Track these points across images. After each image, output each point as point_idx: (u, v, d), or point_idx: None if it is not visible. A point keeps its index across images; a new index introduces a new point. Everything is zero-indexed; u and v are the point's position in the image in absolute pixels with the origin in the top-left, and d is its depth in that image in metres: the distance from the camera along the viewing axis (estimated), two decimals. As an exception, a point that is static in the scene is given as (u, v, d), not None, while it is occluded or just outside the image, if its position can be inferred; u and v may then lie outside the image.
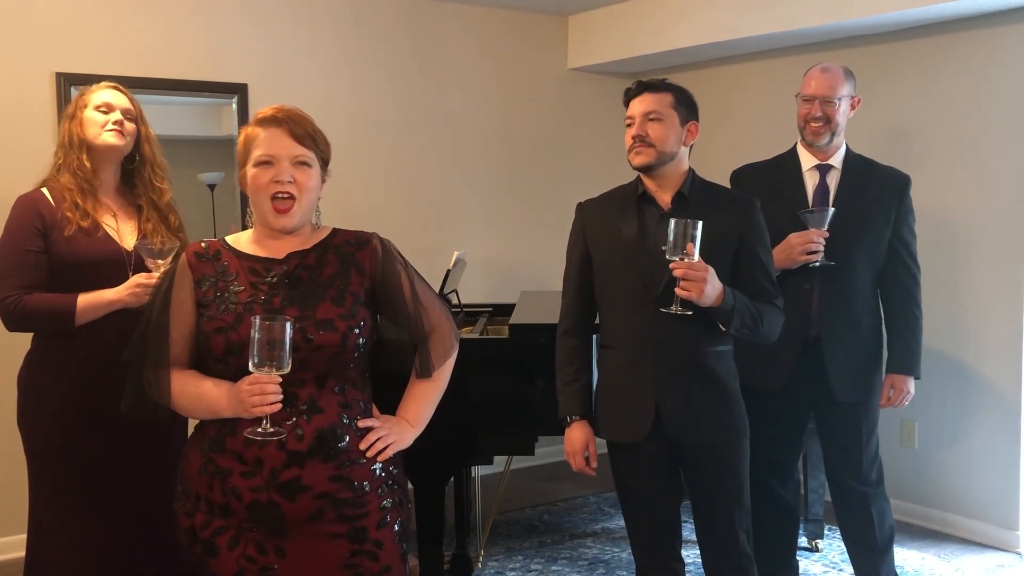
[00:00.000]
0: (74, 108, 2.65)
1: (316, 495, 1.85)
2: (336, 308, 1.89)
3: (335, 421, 1.88)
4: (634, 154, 2.45)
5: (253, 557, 1.86)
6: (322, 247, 1.97)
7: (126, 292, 2.50)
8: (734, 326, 2.38)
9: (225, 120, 4.42)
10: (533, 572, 3.78)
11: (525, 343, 3.14)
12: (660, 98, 2.45)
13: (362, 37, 4.71)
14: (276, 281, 1.91)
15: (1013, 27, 3.85)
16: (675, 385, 2.42)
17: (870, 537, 3.08)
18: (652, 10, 4.85)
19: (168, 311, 1.90)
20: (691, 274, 2.27)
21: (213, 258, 1.94)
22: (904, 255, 3.05)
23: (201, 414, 1.91)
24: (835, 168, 3.08)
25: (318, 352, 1.85)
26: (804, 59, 4.61)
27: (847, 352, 3.00)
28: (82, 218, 2.56)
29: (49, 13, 3.91)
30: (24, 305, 2.50)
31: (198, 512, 1.89)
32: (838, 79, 3.05)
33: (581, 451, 2.55)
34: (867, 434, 3.07)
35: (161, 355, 1.89)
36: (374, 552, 1.91)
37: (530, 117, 5.30)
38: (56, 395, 2.57)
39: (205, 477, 1.87)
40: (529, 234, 5.27)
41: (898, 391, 3.08)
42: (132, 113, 2.67)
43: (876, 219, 3.01)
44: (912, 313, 3.07)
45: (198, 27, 4.25)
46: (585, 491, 4.80)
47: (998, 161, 3.93)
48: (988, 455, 4.01)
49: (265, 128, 1.91)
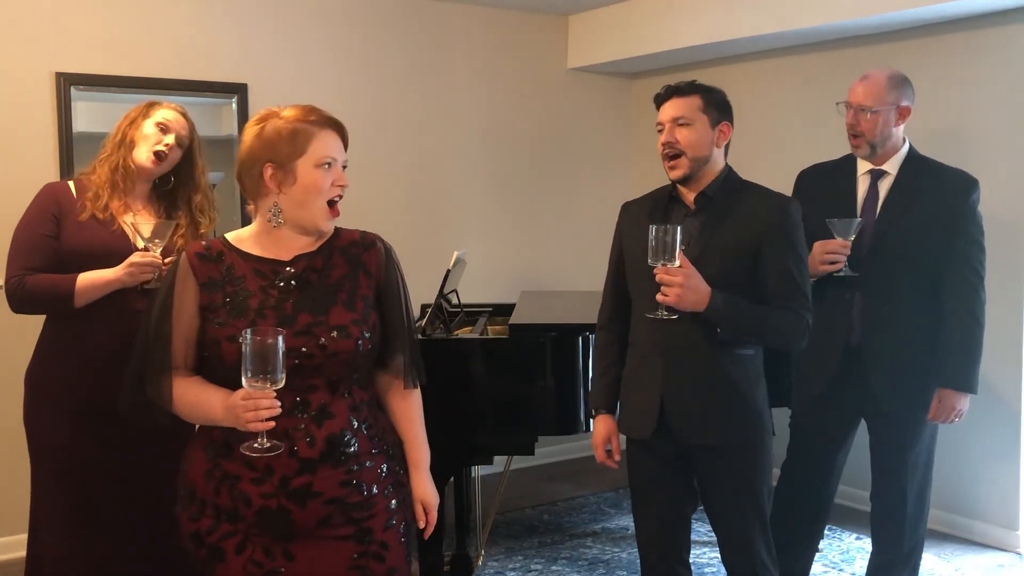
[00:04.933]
0: (137, 113, 2.70)
1: (326, 500, 1.84)
2: (349, 313, 1.87)
3: (345, 426, 1.86)
4: (669, 168, 2.45)
5: (260, 562, 1.84)
6: (328, 249, 1.94)
7: (123, 271, 2.52)
8: (726, 331, 2.36)
9: (225, 120, 4.42)
10: (533, 572, 3.78)
11: (525, 343, 3.14)
12: (688, 102, 2.42)
13: (362, 37, 4.71)
14: (285, 285, 1.88)
15: (1013, 27, 3.86)
16: (681, 385, 2.42)
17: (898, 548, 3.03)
18: (652, 10, 4.85)
19: (169, 315, 1.86)
20: (666, 279, 2.27)
21: (216, 259, 1.89)
22: (961, 265, 2.89)
23: (199, 420, 1.89)
24: (889, 174, 2.98)
25: (333, 359, 1.83)
26: (804, 59, 4.62)
27: (891, 362, 2.91)
28: (101, 210, 2.60)
29: (49, 13, 3.91)
30: (26, 284, 2.54)
31: (204, 516, 1.86)
32: (876, 88, 2.93)
33: (603, 444, 2.59)
34: (914, 456, 2.97)
35: (163, 360, 1.86)
36: (380, 553, 1.90)
37: (530, 117, 5.29)
38: (62, 393, 2.59)
39: (212, 482, 1.85)
40: (529, 234, 5.26)
41: (945, 406, 2.91)
42: (186, 139, 2.72)
43: (930, 227, 2.88)
44: (966, 324, 2.89)
45: (198, 27, 4.25)
46: (585, 491, 4.80)
47: (998, 160, 3.93)
48: (988, 455, 4.01)
49: (321, 129, 1.89)
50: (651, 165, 5.56)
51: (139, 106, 2.72)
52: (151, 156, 2.65)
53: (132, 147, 2.65)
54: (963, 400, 2.93)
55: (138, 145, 2.65)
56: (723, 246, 2.38)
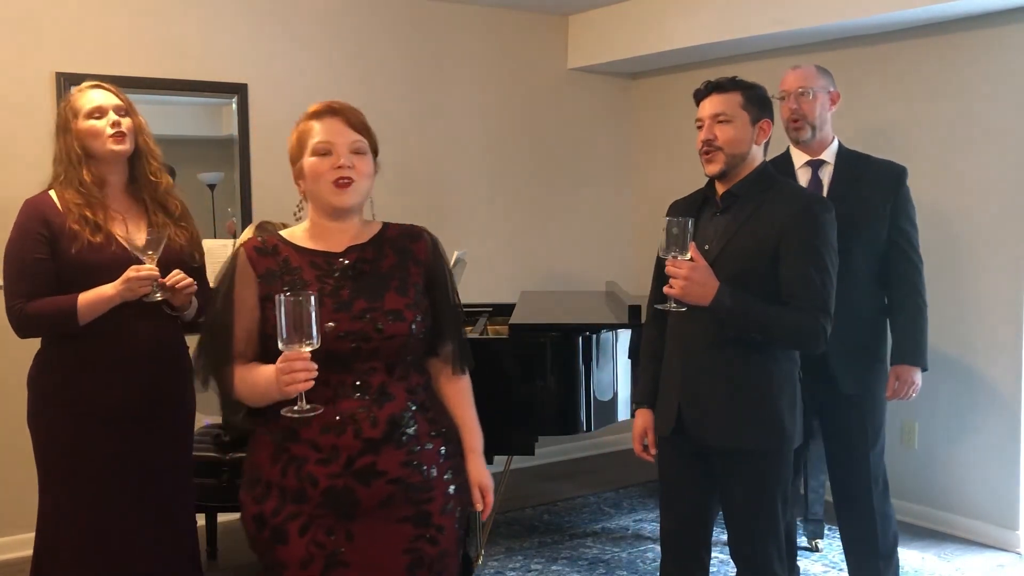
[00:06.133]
0: (65, 120, 2.59)
1: (389, 480, 1.90)
2: (402, 298, 1.96)
3: (404, 407, 1.94)
4: (705, 162, 2.43)
5: (322, 542, 1.89)
6: (378, 241, 2.03)
7: (121, 286, 2.48)
8: (733, 328, 2.35)
9: (225, 120, 4.42)
10: (533, 572, 3.78)
11: (525, 343, 3.14)
12: (728, 99, 2.40)
13: (362, 37, 4.71)
14: (340, 274, 1.96)
15: (1013, 27, 3.86)
16: (698, 386, 2.42)
17: (873, 543, 3.05)
18: (652, 10, 4.86)
19: (231, 308, 1.94)
20: (673, 271, 2.28)
21: (272, 252, 1.98)
22: (905, 246, 3.04)
23: (259, 401, 1.93)
24: (827, 163, 3.10)
25: (389, 341, 1.91)
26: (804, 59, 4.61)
27: (845, 343, 2.95)
28: (93, 233, 2.52)
29: (49, 13, 3.91)
30: (28, 311, 2.51)
31: (269, 499, 1.91)
32: (810, 73, 3.12)
33: (639, 438, 2.62)
34: (873, 432, 3.04)
35: (225, 351, 1.94)
36: (435, 537, 1.96)
37: (530, 117, 5.30)
38: (65, 394, 2.57)
39: (279, 464, 1.91)
40: (529, 234, 5.26)
41: (903, 382, 3.04)
42: (123, 108, 2.62)
43: (872, 211, 2.99)
44: (915, 303, 3.04)
45: (198, 27, 4.25)
46: (585, 491, 4.81)
47: (999, 160, 3.93)
48: (988, 455, 4.01)
49: (320, 119, 1.97)
50: (651, 165, 5.57)
51: (59, 113, 2.61)
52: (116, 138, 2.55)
53: (85, 158, 2.56)
54: (919, 375, 3.07)
55: (94, 148, 2.56)
56: (742, 247, 2.36)
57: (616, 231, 5.58)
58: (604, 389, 3.57)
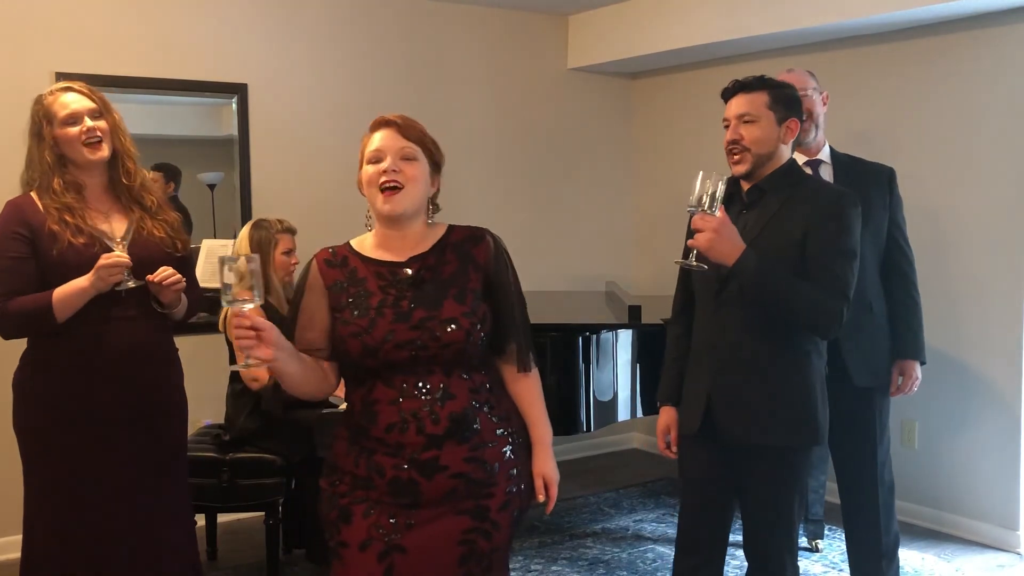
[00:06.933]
0: (39, 126, 2.56)
1: (452, 475, 1.97)
2: (460, 307, 2.01)
3: (467, 405, 2.00)
4: (732, 163, 2.43)
5: (383, 527, 1.97)
6: (440, 247, 2.09)
7: (93, 276, 2.46)
8: (753, 295, 2.30)
9: (225, 120, 4.42)
10: (533, 572, 3.78)
11: (525, 343, 3.13)
12: (754, 98, 2.41)
13: (362, 37, 4.71)
14: (402, 284, 2.03)
15: (1012, 27, 3.86)
16: (728, 382, 2.40)
17: (876, 540, 3.06)
18: (652, 10, 4.86)
19: (296, 319, 2.06)
20: (699, 224, 2.24)
21: (341, 264, 2.07)
22: (900, 241, 3.13)
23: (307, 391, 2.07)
24: (825, 163, 3.18)
25: (446, 349, 1.98)
26: (804, 59, 4.61)
27: (860, 337, 2.98)
28: (74, 235, 2.51)
29: (49, 13, 3.91)
30: (8, 310, 2.49)
31: (342, 484, 2.03)
32: (805, 76, 3.22)
33: (662, 435, 2.62)
34: (882, 426, 3.06)
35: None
36: (490, 532, 2.01)
37: (530, 117, 5.30)
38: (49, 397, 2.55)
39: (352, 456, 2.02)
40: (529, 234, 5.26)
41: (908, 377, 3.10)
42: (97, 110, 2.58)
43: (874, 207, 3.03)
44: (912, 298, 3.12)
45: (198, 27, 4.25)
46: (585, 491, 4.81)
47: (998, 160, 3.93)
48: (988, 455, 4.01)
49: (376, 131, 2.07)
50: (651, 165, 5.57)
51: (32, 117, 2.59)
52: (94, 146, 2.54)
53: (61, 165, 2.55)
54: (919, 369, 3.13)
55: (73, 157, 2.55)
56: (771, 243, 2.34)
57: (616, 231, 5.58)
58: (604, 389, 3.58)
